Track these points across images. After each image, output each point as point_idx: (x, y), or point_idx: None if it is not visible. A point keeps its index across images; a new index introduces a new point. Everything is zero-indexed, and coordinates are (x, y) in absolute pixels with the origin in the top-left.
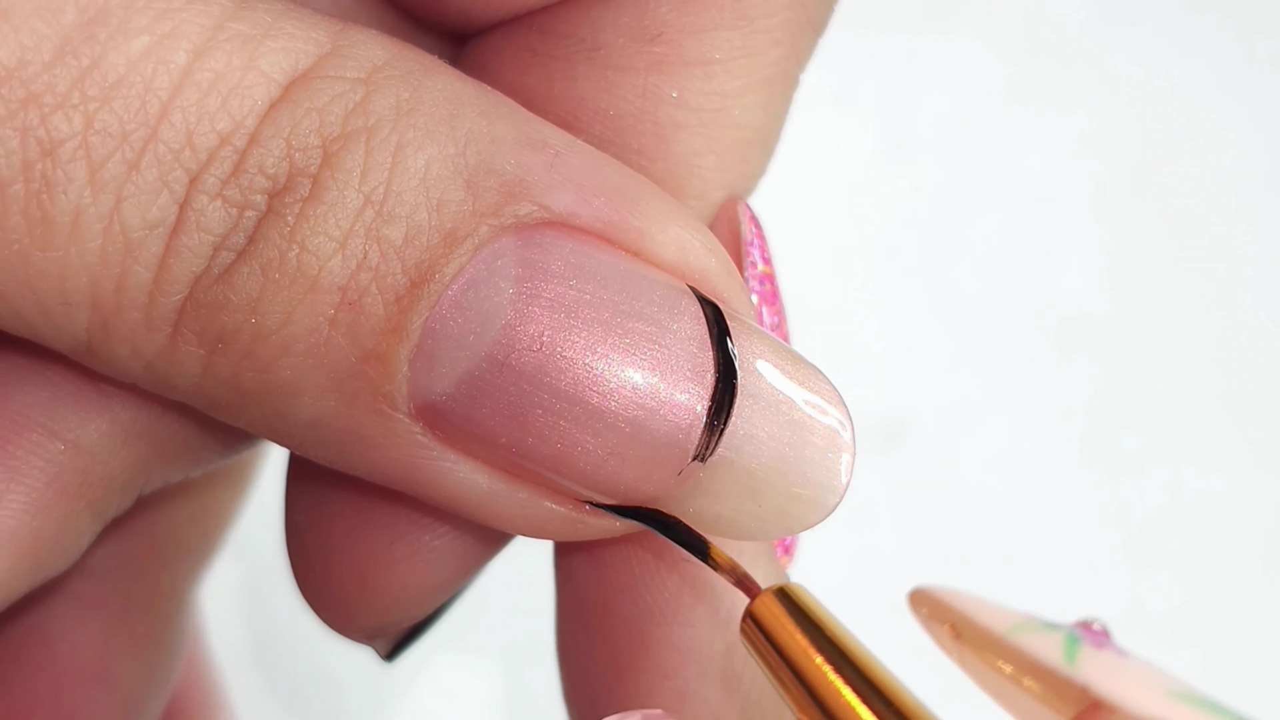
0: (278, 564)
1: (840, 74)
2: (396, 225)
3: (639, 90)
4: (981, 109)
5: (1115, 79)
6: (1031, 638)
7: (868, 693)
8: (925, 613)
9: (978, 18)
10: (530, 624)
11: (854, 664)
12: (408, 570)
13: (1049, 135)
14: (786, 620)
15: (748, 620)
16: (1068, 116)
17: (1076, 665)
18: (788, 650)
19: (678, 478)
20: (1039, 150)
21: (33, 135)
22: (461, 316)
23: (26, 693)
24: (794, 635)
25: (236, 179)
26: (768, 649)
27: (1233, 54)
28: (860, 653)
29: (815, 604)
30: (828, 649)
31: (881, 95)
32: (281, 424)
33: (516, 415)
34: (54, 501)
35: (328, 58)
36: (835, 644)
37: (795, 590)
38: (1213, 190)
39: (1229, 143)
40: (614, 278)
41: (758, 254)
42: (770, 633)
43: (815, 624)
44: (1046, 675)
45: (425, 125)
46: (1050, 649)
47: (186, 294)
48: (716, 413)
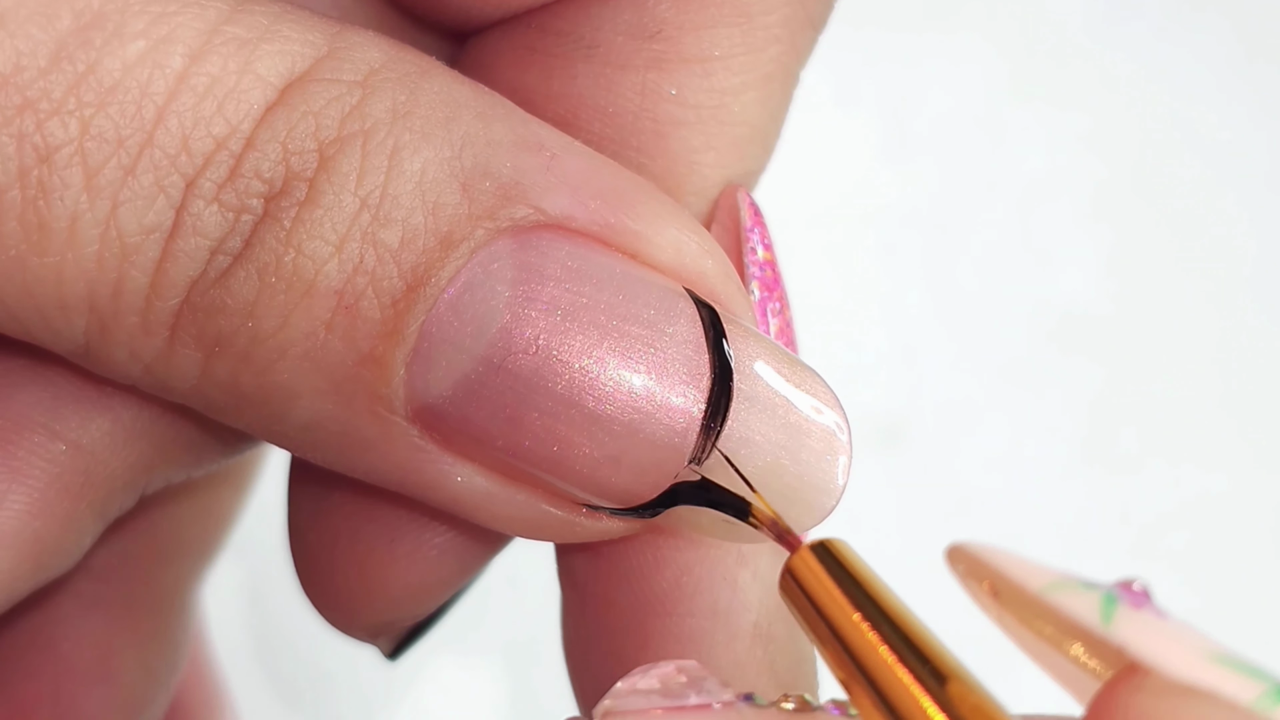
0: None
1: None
2: (392, 229)
3: (638, 87)
4: (982, 109)
5: (1115, 79)
6: (1068, 596)
7: (905, 651)
8: (962, 569)
9: (978, 17)
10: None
11: (893, 622)
12: (410, 569)
13: (1049, 135)
14: (825, 576)
15: (786, 576)
16: (1068, 116)
17: (1113, 625)
18: (824, 607)
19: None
20: (1039, 150)
21: (29, 141)
22: (458, 320)
23: (29, 692)
24: (831, 591)
25: (233, 183)
26: (805, 605)
27: (1233, 54)
28: (900, 610)
29: (857, 560)
30: (866, 606)
31: (882, 95)
32: (279, 426)
33: (513, 418)
34: (56, 502)
35: (324, 60)
36: (874, 601)
37: (836, 545)
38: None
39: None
40: (610, 280)
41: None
42: (808, 589)
43: (855, 580)
44: (1082, 635)
45: (421, 128)
46: (1087, 608)
47: (183, 298)
48: (712, 416)
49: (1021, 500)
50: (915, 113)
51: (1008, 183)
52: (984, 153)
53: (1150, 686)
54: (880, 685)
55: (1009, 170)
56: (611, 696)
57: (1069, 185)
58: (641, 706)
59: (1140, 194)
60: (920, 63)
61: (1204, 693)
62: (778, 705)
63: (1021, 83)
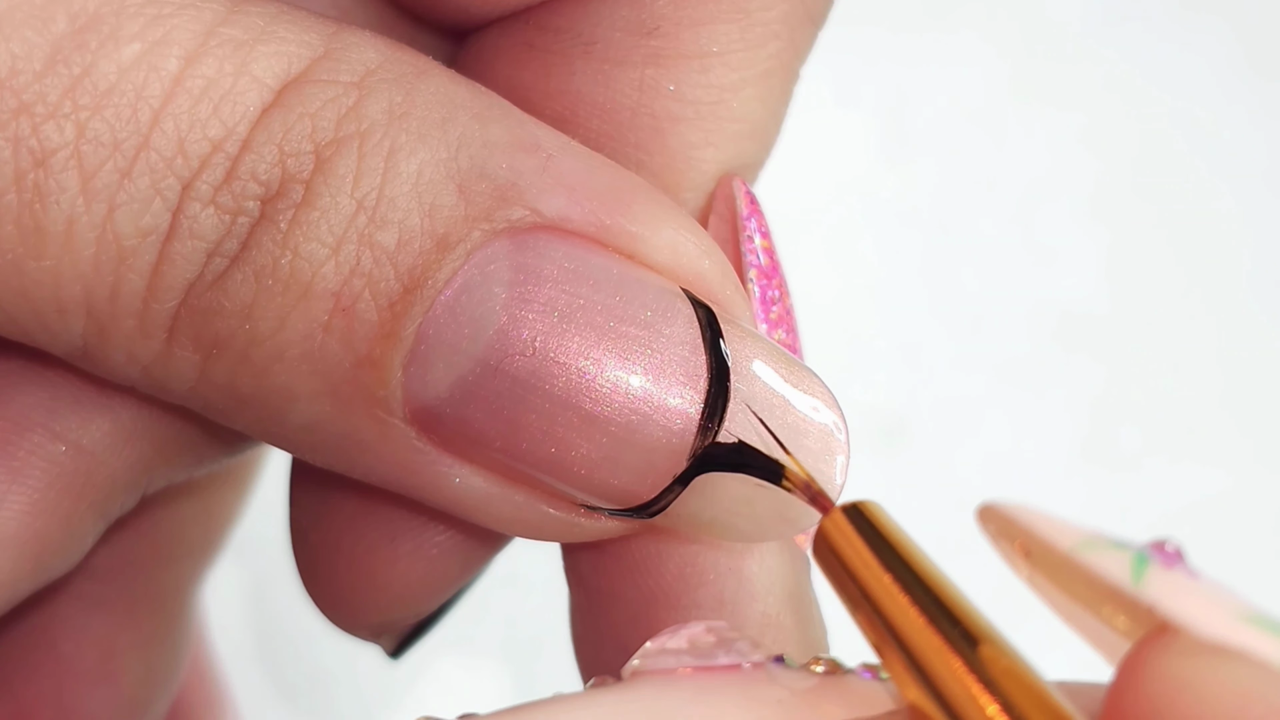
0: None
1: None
2: (389, 231)
3: (636, 84)
4: (981, 108)
5: (1115, 79)
6: (1099, 555)
7: (937, 614)
8: (994, 529)
9: (978, 17)
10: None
11: (925, 584)
12: (412, 567)
13: (1049, 135)
14: (856, 538)
15: (818, 538)
16: (1068, 116)
17: (1143, 584)
18: (855, 569)
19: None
20: (1039, 149)
21: (25, 145)
22: (455, 321)
23: (31, 693)
24: (863, 553)
25: (229, 185)
26: (837, 568)
27: (1233, 54)
28: (932, 573)
29: (890, 522)
30: (898, 568)
31: (881, 95)
32: (277, 428)
33: (510, 420)
34: (56, 503)
35: (320, 61)
36: (906, 563)
37: (869, 507)
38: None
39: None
40: (607, 281)
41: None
42: (839, 551)
43: (887, 542)
44: (1112, 594)
45: (418, 130)
46: (1117, 567)
47: (181, 300)
48: (710, 417)
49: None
50: (915, 112)
51: (1008, 183)
52: (984, 153)
53: (1180, 646)
54: (912, 648)
55: (1009, 170)
56: (640, 656)
57: (1069, 185)
58: (670, 665)
59: (1140, 194)
60: (920, 62)
61: (1235, 652)
62: (808, 668)
63: (1021, 83)
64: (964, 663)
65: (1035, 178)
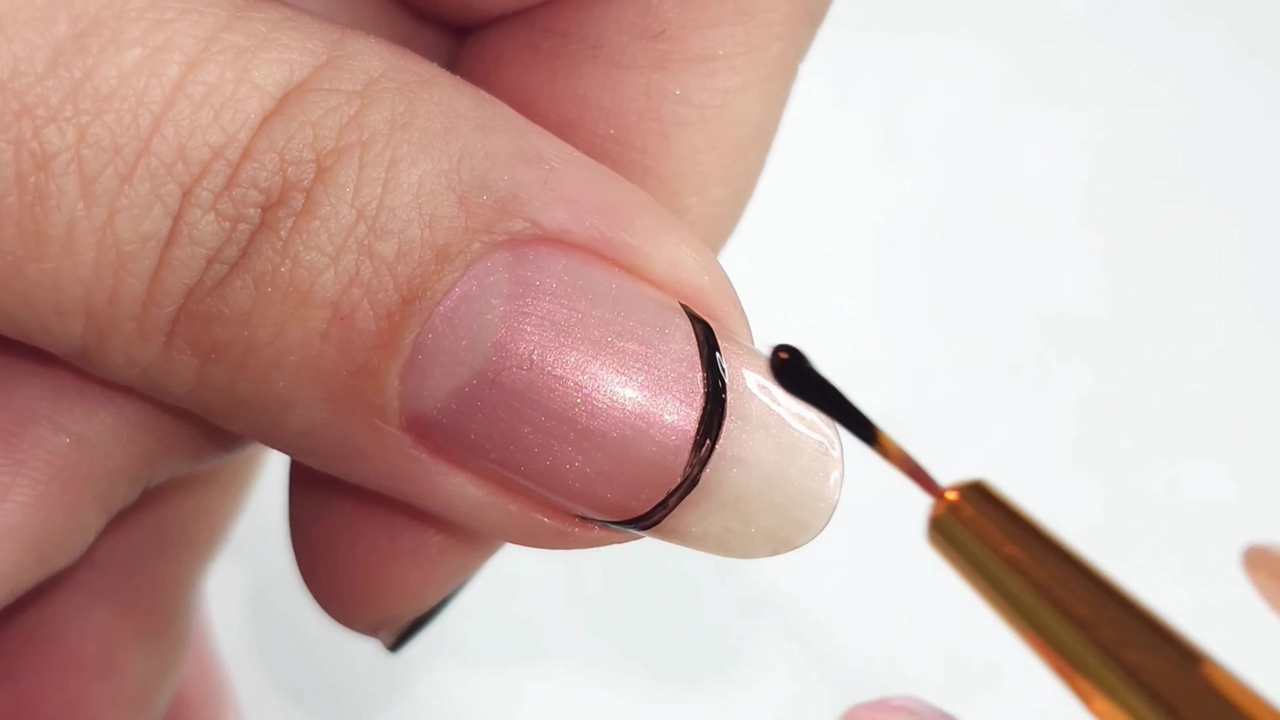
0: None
1: (840, 74)
2: (389, 241)
3: (643, 88)
4: (981, 109)
5: (1115, 79)
6: None
7: (1138, 628)
8: (1265, 571)
9: (977, 18)
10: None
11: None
12: (412, 564)
13: (1049, 135)
14: (984, 523)
15: (937, 526)
16: (1068, 116)
17: None
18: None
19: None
20: (1039, 150)
21: (26, 148)
22: (453, 333)
23: (33, 685)
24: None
25: (229, 192)
26: (965, 554)
27: (1233, 54)
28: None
29: (1009, 501)
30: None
31: (881, 95)
32: (274, 432)
33: (506, 432)
34: (59, 495)
35: (323, 69)
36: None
37: (987, 487)
38: (1212, 191)
39: (1229, 143)
40: (606, 296)
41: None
42: (968, 536)
43: (1017, 523)
44: None
45: (419, 140)
46: None
47: (180, 305)
48: (705, 433)
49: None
50: (914, 113)
51: (1006, 183)
52: (983, 153)
53: None
54: (1122, 674)
55: (1008, 170)
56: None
57: (1068, 186)
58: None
59: (1139, 195)
60: (920, 63)
61: None
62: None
63: (1021, 83)
64: (1197, 691)
65: (1034, 178)
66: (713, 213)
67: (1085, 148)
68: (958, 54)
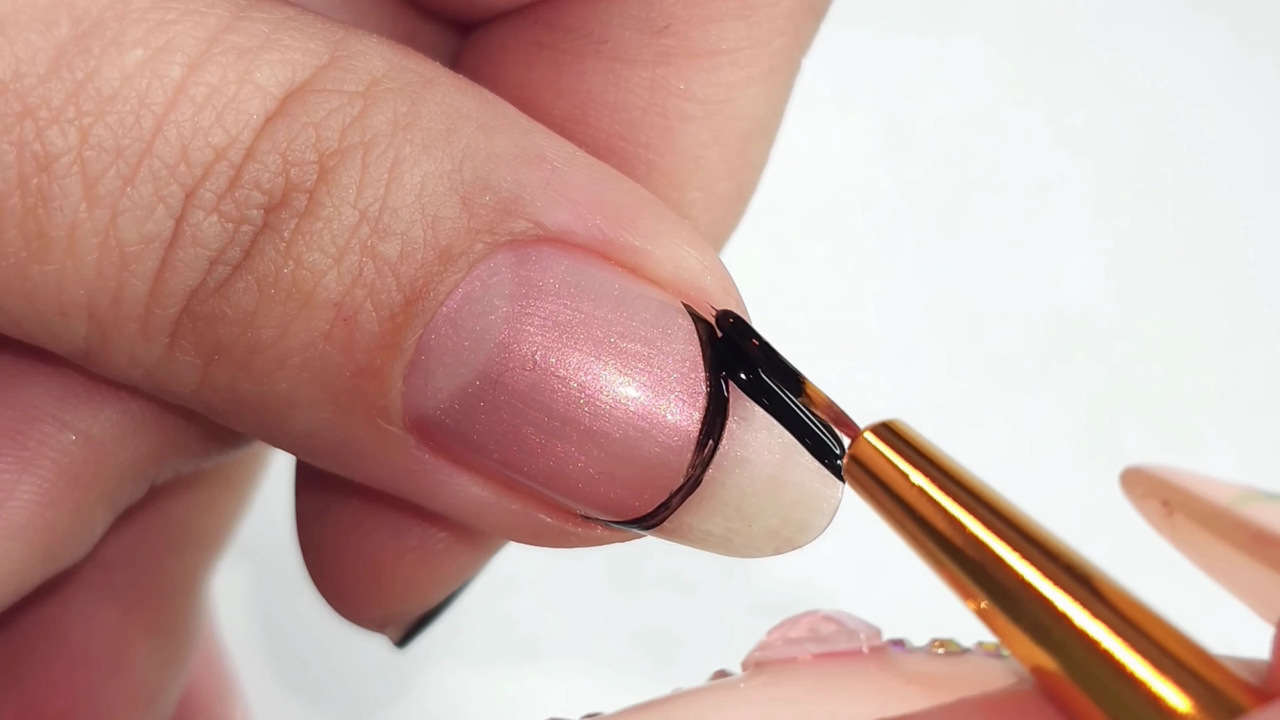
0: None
1: (840, 74)
2: (392, 241)
3: (647, 83)
4: (981, 109)
5: (1115, 79)
6: (1256, 507)
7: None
8: (1140, 491)
9: (978, 17)
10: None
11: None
12: (417, 560)
13: (1049, 135)
14: (893, 456)
15: (851, 463)
16: (1068, 116)
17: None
18: (899, 488)
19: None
20: (1039, 150)
21: (28, 149)
22: (456, 334)
23: (41, 683)
24: (903, 471)
25: (232, 194)
26: (876, 490)
27: (1233, 54)
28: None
29: (921, 438)
30: (941, 479)
31: (881, 95)
32: (278, 432)
33: (509, 432)
34: (66, 492)
35: (325, 70)
36: (950, 475)
37: (898, 425)
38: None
39: (1229, 142)
40: (608, 296)
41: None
42: (878, 472)
43: (925, 457)
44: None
45: (422, 141)
46: (1275, 517)
47: (183, 306)
48: (708, 434)
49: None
50: (915, 113)
51: (1008, 183)
52: (984, 152)
53: None
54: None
55: (1009, 170)
56: (761, 647)
57: (1069, 185)
58: (791, 654)
59: (1141, 194)
60: (920, 63)
61: None
62: (929, 650)
63: (1021, 83)
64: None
65: (1035, 178)
66: (717, 207)
67: (1085, 147)
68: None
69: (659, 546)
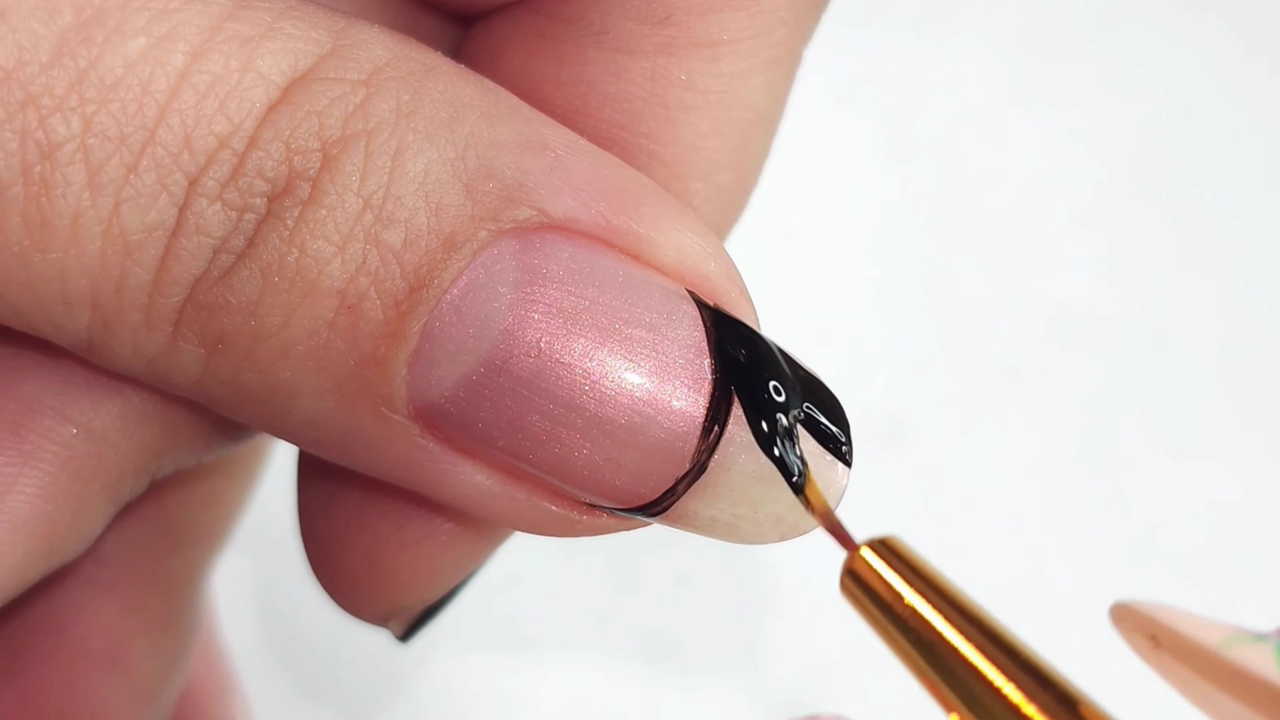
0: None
1: (840, 74)
2: (395, 229)
3: (648, 74)
4: (982, 109)
5: (1115, 79)
6: (1244, 650)
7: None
8: (1128, 625)
9: (979, 17)
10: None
11: (969, 615)
12: (420, 553)
13: (1050, 135)
14: (888, 574)
15: (846, 577)
16: (1068, 116)
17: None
18: (893, 606)
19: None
20: (1040, 150)
21: (31, 138)
22: (460, 321)
23: (40, 679)
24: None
25: (235, 182)
26: (870, 606)
27: (1233, 54)
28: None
29: (918, 557)
30: (936, 601)
31: (882, 95)
32: (281, 422)
33: (514, 419)
34: (67, 486)
35: (327, 58)
36: (946, 596)
37: (895, 543)
38: (1213, 190)
39: (1229, 142)
40: (613, 282)
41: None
42: (873, 588)
43: (921, 576)
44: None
45: (425, 129)
46: (1262, 660)
47: (186, 295)
48: (713, 419)
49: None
50: (915, 112)
51: (1008, 183)
52: (984, 153)
53: None
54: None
55: (1009, 170)
56: None
57: (1069, 185)
58: None
59: (1140, 194)
60: (920, 63)
61: None
62: None
63: (1021, 83)
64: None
65: (1035, 178)
66: (719, 198)
67: (1087, 147)
68: (959, 53)
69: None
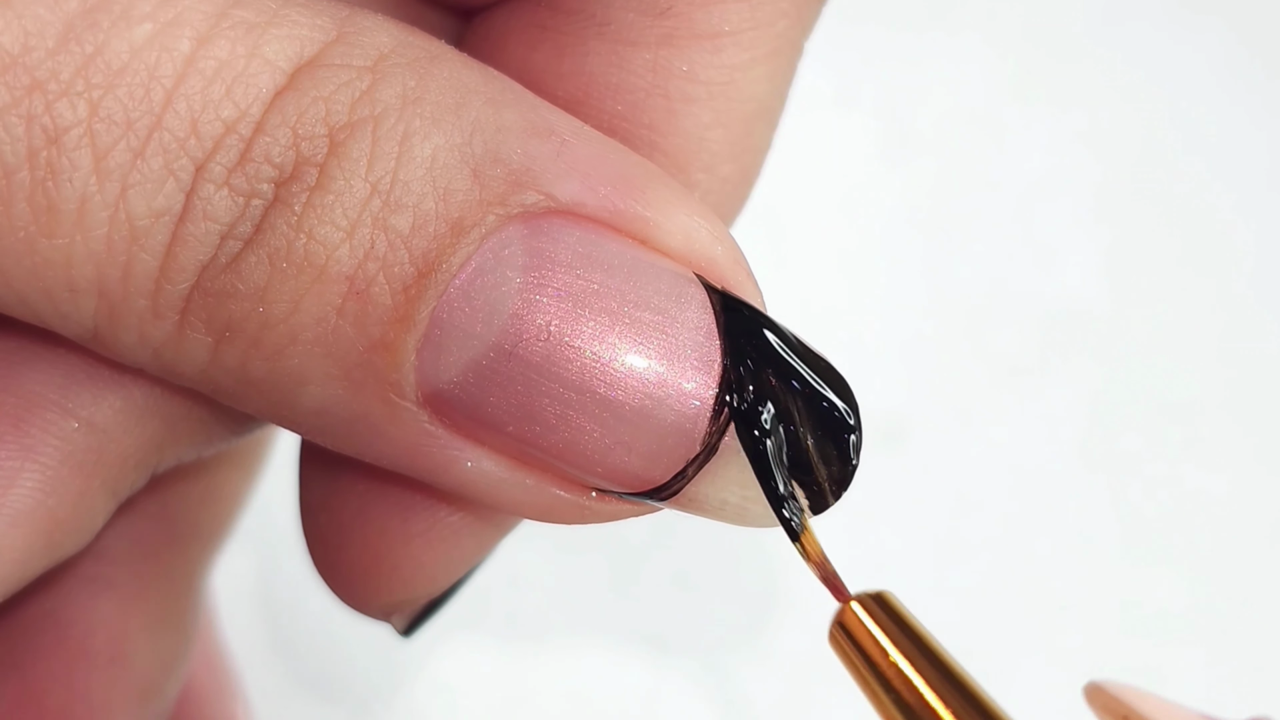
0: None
1: (840, 74)
2: (403, 214)
3: (650, 65)
4: (982, 109)
5: (1115, 79)
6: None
7: (966, 709)
8: (1100, 706)
9: (979, 17)
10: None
11: (953, 678)
12: (423, 546)
13: (1050, 134)
14: (875, 630)
15: (836, 629)
16: (1068, 116)
17: None
18: (877, 662)
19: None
20: (1040, 149)
21: (38, 122)
22: (469, 306)
23: (40, 675)
24: (884, 647)
25: (243, 167)
26: (856, 658)
27: (1233, 54)
28: (958, 668)
29: (908, 613)
30: (921, 662)
31: (882, 95)
32: (289, 411)
33: (523, 404)
34: (69, 480)
35: (333, 45)
36: (932, 656)
37: (887, 597)
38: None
39: (1229, 142)
40: (621, 266)
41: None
42: (861, 643)
43: (909, 635)
44: None
45: (431, 114)
46: None
47: (193, 282)
48: (723, 401)
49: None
50: (915, 113)
51: (1008, 183)
52: (984, 153)
53: None
54: None
55: (1009, 170)
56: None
57: (1069, 185)
58: None
59: (1140, 194)
60: (920, 63)
61: None
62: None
63: (1021, 83)
64: None
65: (1035, 178)
66: (721, 190)
67: (1086, 146)
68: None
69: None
